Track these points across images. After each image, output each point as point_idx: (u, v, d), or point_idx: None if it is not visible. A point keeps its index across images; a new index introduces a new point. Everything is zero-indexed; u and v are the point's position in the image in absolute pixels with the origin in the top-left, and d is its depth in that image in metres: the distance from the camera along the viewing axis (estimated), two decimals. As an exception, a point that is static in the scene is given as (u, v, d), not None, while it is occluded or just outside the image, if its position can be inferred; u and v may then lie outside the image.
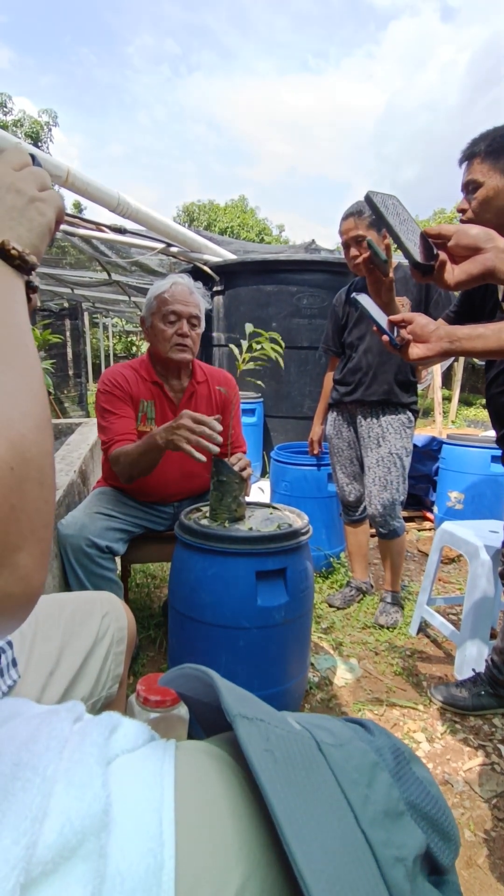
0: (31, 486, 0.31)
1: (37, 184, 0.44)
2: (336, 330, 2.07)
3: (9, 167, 0.43)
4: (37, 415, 0.33)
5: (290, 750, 0.37)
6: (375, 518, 1.95)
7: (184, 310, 1.52)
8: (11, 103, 15.75)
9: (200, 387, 1.65)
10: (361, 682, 1.64)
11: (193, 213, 26.41)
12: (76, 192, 3.14)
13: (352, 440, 2.08)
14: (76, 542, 1.40)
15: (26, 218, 0.42)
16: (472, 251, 0.70)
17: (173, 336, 1.51)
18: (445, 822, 0.40)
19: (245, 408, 3.66)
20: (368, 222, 1.76)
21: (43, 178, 0.45)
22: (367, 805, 0.37)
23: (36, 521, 0.31)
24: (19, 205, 0.42)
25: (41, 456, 0.32)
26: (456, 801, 1.21)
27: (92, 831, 0.32)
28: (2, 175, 0.42)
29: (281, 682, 1.28)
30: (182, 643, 1.31)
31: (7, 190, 0.42)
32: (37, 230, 0.42)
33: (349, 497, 2.13)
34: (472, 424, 8.14)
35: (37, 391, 0.35)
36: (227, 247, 4.64)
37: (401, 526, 1.98)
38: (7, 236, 0.40)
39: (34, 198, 0.43)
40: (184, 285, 1.55)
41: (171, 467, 1.58)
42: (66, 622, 0.81)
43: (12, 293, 0.38)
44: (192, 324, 1.54)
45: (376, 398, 1.92)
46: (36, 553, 0.31)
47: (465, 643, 1.63)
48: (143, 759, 0.39)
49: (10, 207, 0.41)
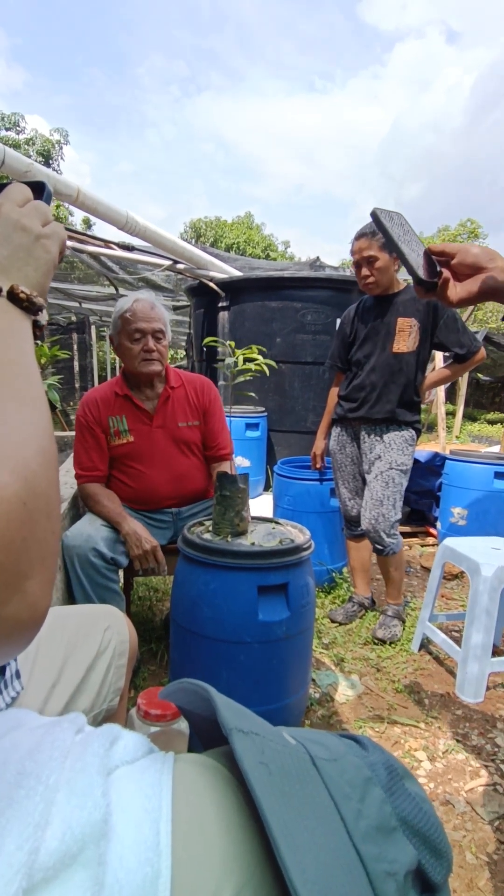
0: (41, 518, 0.33)
1: (41, 219, 0.45)
2: (343, 346, 2.09)
3: (13, 204, 0.44)
4: (46, 450, 0.35)
5: (285, 763, 0.38)
6: (369, 533, 1.96)
7: (146, 326, 1.58)
8: (24, 122, 16.16)
9: (176, 391, 1.70)
10: (363, 699, 1.63)
11: (200, 229, 26.79)
12: (86, 211, 3.21)
13: (355, 456, 2.09)
14: (82, 553, 1.42)
15: (33, 257, 0.43)
16: (475, 270, 0.71)
17: (140, 352, 1.59)
18: (437, 839, 0.41)
19: (249, 422, 3.68)
20: (381, 243, 1.79)
21: (46, 212, 0.46)
22: (360, 819, 0.37)
23: (44, 549, 0.33)
24: (26, 243, 0.43)
25: (49, 490, 0.34)
26: (458, 823, 1.20)
27: (92, 839, 0.33)
28: (7, 213, 0.43)
29: (282, 698, 1.28)
30: (183, 657, 1.31)
31: (14, 228, 0.43)
32: (43, 268, 0.44)
33: (351, 512, 2.13)
34: (476, 440, 8.13)
35: (45, 427, 0.36)
36: (232, 263, 4.72)
37: (397, 543, 1.97)
38: (16, 278, 0.41)
39: (39, 235, 0.44)
40: (145, 301, 1.61)
41: (160, 471, 1.64)
42: (69, 635, 0.83)
43: (21, 334, 0.40)
44: (157, 337, 1.61)
45: (380, 416, 1.94)
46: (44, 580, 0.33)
47: (466, 660, 1.63)
48: (143, 771, 0.40)
49: (18, 247, 0.42)
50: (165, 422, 1.66)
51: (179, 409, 1.68)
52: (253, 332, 3.94)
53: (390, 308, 1.91)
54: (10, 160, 2.56)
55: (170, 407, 1.67)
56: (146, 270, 4.72)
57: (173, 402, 1.68)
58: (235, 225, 27.21)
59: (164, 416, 1.66)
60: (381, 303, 1.94)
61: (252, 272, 4.61)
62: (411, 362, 1.90)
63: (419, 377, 1.94)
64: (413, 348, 1.89)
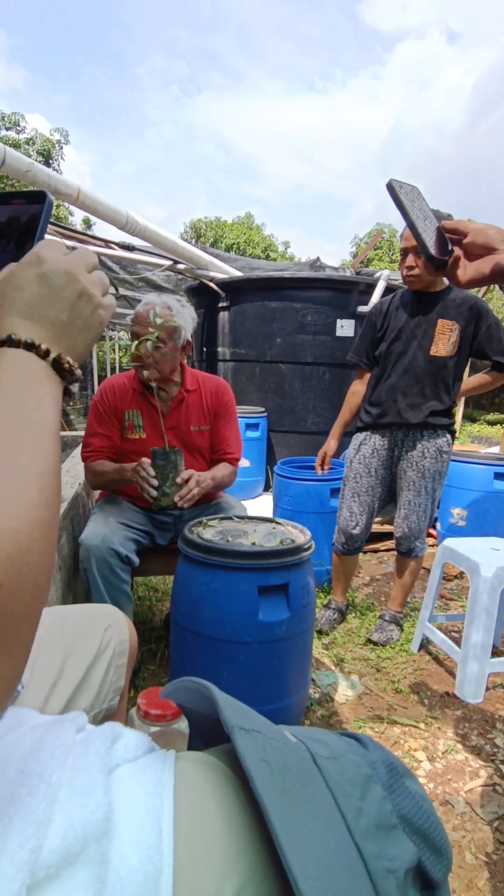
0: (23, 597, 0.30)
1: (102, 289, 0.44)
2: (372, 341, 1.93)
3: (83, 268, 0.42)
4: (45, 523, 0.32)
5: (286, 761, 0.38)
6: (401, 540, 1.94)
7: (142, 331, 1.56)
8: (24, 122, 16.15)
9: (191, 395, 1.68)
10: (362, 699, 1.63)
11: (201, 229, 26.80)
12: (86, 210, 3.21)
13: (377, 469, 1.92)
14: (100, 554, 1.43)
15: (87, 327, 0.42)
16: (487, 250, 0.69)
17: (135, 358, 1.58)
18: (437, 837, 0.41)
19: (249, 422, 3.68)
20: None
21: (106, 282, 0.45)
22: (360, 817, 0.38)
23: (22, 628, 0.30)
24: (86, 313, 0.42)
25: (39, 565, 0.31)
26: (457, 823, 1.20)
27: (94, 837, 0.33)
28: (76, 274, 0.41)
29: (282, 698, 1.28)
30: (183, 657, 1.32)
31: (79, 296, 0.41)
32: (91, 340, 0.43)
33: (353, 528, 1.96)
34: (476, 440, 8.13)
35: (50, 497, 0.34)
36: (232, 264, 4.72)
37: (422, 547, 1.96)
38: (65, 346, 0.40)
39: (98, 304, 0.43)
40: (149, 304, 1.57)
41: None
42: (69, 634, 0.83)
43: (50, 397, 0.38)
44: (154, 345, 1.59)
45: (414, 421, 1.82)
46: (19, 657, 0.30)
47: (466, 661, 1.63)
48: (144, 769, 0.40)
49: (78, 315, 0.41)
50: (178, 424, 1.66)
51: (193, 412, 1.67)
52: (253, 333, 3.94)
53: (431, 307, 1.79)
54: (11, 160, 2.56)
55: (183, 410, 1.66)
56: (146, 270, 4.72)
57: (187, 405, 1.67)
58: (235, 225, 27.22)
59: (177, 418, 1.66)
60: (422, 300, 1.81)
61: (252, 272, 4.61)
62: (449, 367, 1.79)
63: (456, 385, 1.84)
64: (452, 353, 1.77)
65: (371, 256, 20.29)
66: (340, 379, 3.84)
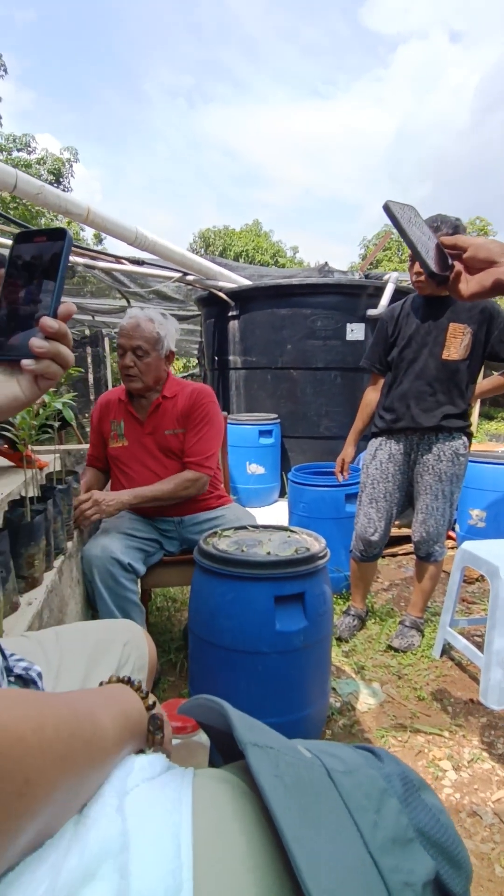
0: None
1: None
2: (385, 347, 1.94)
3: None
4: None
5: (300, 776, 0.39)
6: (419, 545, 1.93)
7: (126, 343, 1.65)
8: (35, 143, 16.52)
9: (168, 401, 1.74)
10: (385, 707, 1.61)
11: (209, 238, 27.03)
12: (96, 228, 3.27)
13: (394, 474, 1.92)
14: (101, 564, 1.46)
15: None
16: (488, 264, 0.71)
17: (122, 368, 1.67)
18: (455, 850, 0.41)
19: (262, 429, 3.70)
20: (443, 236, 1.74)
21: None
22: (377, 831, 0.38)
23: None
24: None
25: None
26: (486, 835, 1.18)
27: (111, 853, 0.34)
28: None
29: (301, 708, 1.28)
30: (202, 668, 1.32)
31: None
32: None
33: (371, 535, 1.95)
34: (493, 439, 8.01)
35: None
36: (241, 272, 4.75)
37: (441, 552, 1.94)
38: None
39: None
40: (133, 318, 1.67)
41: (148, 476, 1.69)
42: (90, 651, 0.84)
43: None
44: (138, 354, 1.65)
45: (429, 425, 1.81)
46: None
47: (490, 667, 1.60)
48: (163, 787, 0.41)
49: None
50: (154, 429, 1.72)
51: (168, 417, 1.72)
52: (263, 340, 3.96)
53: (442, 311, 1.79)
54: (23, 184, 2.63)
55: (159, 415, 1.72)
56: (156, 282, 4.79)
57: (163, 410, 1.73)
58: (244, 233, 27.39)
59: (154, 423, 1.72)
60: (433, 304, 1.81)
61: (261, 280, 4.64)
62: (461, 370, 1.79)
63: (470, 388, 1.83)
64: (464, 356, 1.77)
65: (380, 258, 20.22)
66: (352, 383, 3.83)
